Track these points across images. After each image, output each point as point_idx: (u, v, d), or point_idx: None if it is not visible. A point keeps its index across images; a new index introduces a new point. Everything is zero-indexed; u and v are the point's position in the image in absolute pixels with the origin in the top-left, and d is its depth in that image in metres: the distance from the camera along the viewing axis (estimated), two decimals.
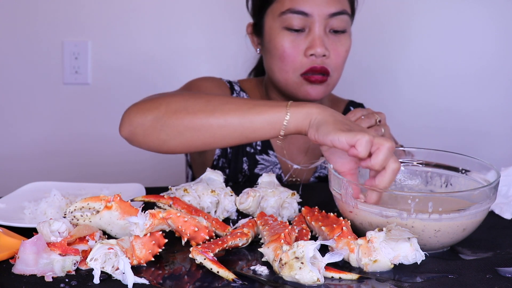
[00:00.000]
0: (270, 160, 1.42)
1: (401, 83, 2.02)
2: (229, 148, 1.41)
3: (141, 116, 1.11)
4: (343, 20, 1.29)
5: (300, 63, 1.29)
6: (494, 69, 2.00)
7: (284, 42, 1.29)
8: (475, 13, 1.98)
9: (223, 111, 1.04)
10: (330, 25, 1.29)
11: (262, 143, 1.41)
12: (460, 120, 2.02)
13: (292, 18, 1.28)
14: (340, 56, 1.31)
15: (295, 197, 1.07)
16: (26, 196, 1.12)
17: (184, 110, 1.07)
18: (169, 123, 1.07)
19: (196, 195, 1.05)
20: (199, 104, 1.07)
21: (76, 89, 2.06)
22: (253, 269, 0.83)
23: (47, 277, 0.79)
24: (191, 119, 1.06)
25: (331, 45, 1.29)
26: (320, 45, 1.27)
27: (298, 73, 1.30)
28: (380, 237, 0.83)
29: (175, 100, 1.10)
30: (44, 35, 2.02)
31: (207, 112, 1.05)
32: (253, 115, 1.03)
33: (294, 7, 1.27)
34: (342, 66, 1.33)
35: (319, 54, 1.27)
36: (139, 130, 1.11)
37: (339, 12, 1.28)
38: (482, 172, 1.01)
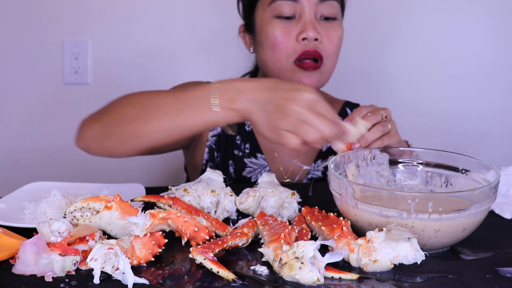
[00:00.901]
0: (259, 163, 1.41)
1: (400, 83, 2.02)
2: (216, 152, 1.41)
3: (90, 128, 1.19)
4: (333, 7, 1.29)
5: (292, 48, 1.28)
6: (494, 69, 2.00)
7: (275, 30, 1.28)
8: (474, 14, 1.98)
9: (157, 117, 1.09)
10: (320, 12, 1.29)
11: (250, 147, 1.41)
12: (460, 120, 2.02)
13: (282, 5, 1.27)
14: (333, 42, 1.29)
15: (295, 197, 1.07)
16: (26, 196, 1.12)
17: (123, 119, 1.13)
18: (112, 132, 1.14)
19: (196, 195, 1.05)
20: (135, 112, 1.12)
21: (76, 89, 2.06)
22: (253, 269, 0.83)
23: (47, 277, 0.79)
24: (131, 128, 1.11)
25: (323, 31, 1.28)
26: (312, 29, 1.26)
27: (291, 60, 1.29)
28: (380, 237, 0.83)
29: (116, 110, 1.16)
30: (44, 35, 2.02)
31: (142, 120, 1.10)
32: (184, 119, 1.06)
33: None
34: (335, 53, 1.31)
35: (311, 37, 1.26)
36: (90, 141, 1.19)
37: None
38: (482, 172, 1.01)
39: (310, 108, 0.97)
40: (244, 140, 1.42)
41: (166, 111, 1.08)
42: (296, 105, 0.96)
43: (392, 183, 1.10)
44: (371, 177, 1.08)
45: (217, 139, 1.41)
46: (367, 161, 1.08)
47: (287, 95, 0.98)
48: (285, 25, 1.28)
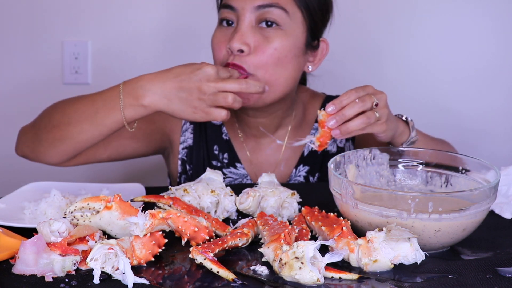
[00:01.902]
0: (239, 172, 1.39)
1: (400, 84, 2.02)
2: (188, 165, 1.40)
3: (24, 136, 1.28)
4: (274, 14, 1.21)
5: (224, 57, 1.24)
6: (494, 69, 2.00)
7: (215, 36, 1.27)
8: (476, 12, 1.97)
9: (77, 120, 1.18)
10: (259, 18, 1.21)
11: (229, 157, 1.38)
12: (460, 120, 2.02)
13: (224, 12, 1.25)
14: (265, 53, 1.20)
15: (295, 197, 1.07)
16: (26, 196, 1.12)
17: (49, 124, 1.21)
18: (42, 137, 1.22)
19: (196, 195, 1.05)
20: (58, 116, 1.21)
21: (76, 89, 2.05)
22: (253, 269, 0.83)
23: (47, 277, 0.79)
24: (57, 131, 1.20)
25: (256, 41, 1.20)
26: (238, 40, 1.19)
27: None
28: (380, 237, 0.83)
29: (44, 116, 1.25)
30: (44, 35, 2.02)
31: (65, 123, 1.19)
32: (100, 119, 1.16)
33: (225, 1, 1.25)
34: (270, 66, 1.21)
35: (234, 48, 1.19)
36: (25, 148, 1.28)
37: (268, 5, 1.20)
38: (482, 172, 1.01)
39: (216, 79, 1.10)
40: (222, 150, 1.39)
41: (83, 113, 1.17)
42: (204, 82, 1.08)
43: (392, 183, 1.10)
44: (371, 177, 1.08)
45: (188, 151, 1.40)
46: (367, 161, 1.08)
47: (193, 77, 1.10)
48: (224, 32, 1.25)
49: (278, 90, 1.25)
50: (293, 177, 1.40)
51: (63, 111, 1.22)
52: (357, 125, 1.07)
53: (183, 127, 1.40)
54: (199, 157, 1.40)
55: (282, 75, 1.24)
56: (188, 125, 1.40)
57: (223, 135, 1.40)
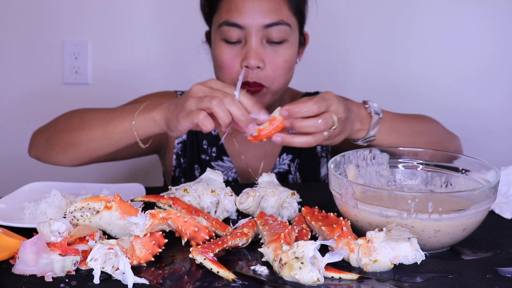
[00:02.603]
0: (225, 165, 1.45)
1: (400, 84, 2.02)
2: (183, 158, 1.47)
3: (38, 139, 1.33)
4: (281, 31, 1.28)
5: (237, 73, 1.29)
6: (494, 70, 2.00)
7: (222, 54, 1.31)
8: (476, 11, 1.97)
9: (89, 127, 1.23)
10: (266, 36, 1.28)
11: (217, 150, 1.46)
12: (459, 120, 2.02)
13: (228, 30, 1.28)
14: (278, 67, 1.30)
15: (295, 197, 1.07)
16: (26, 196, 1.12)
17: (64, 130, 1.27)
18: (54, 142, 1.28)
19: (196, 195, 1.05)
20: (74, 123, 1.26)
21: (76, 89, 2.06)
22: (253, 269, 0.83)
23: (47, 277, 0.79)
24: (69, 137, 1.25)
25: (268, 57, 1.29)
26: (254, 57, 1.26)
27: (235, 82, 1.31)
28: (380, 237, 0.83)
29: (59, 121, 1.31)
30: (44, 35, 2.02)
31: (78, 130, 1.24)
32: (112, 128, 1.20)
33: (229, 19, 1.28)
34: (282, 76, 1.31)
35: (252, 66, 1.27)
36: (39, 150, 1.32)
37: (275, 23, 1.27)
38: (482, 172, 1.01)
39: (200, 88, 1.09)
40: (210, 144, 1.47)
41: (98, 120, 1.22)
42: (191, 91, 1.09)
43: (392, 183, 1.10)
44: (371, 177, 1.08)
45: (182, 146, 1.47)
46: (367, 161, 1.08)
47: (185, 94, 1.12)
48: (231, 49, 1.30)
49: (280, 92, 1.36)
50: (278, 166, 1.46)
51: (81, 117, 1.27)
52: (301, 143, 1.07)
53: None
54: (192, 151, 1.47)
55: (288, 81, 1.36)
56: None
57: (212, 131, 1.43)
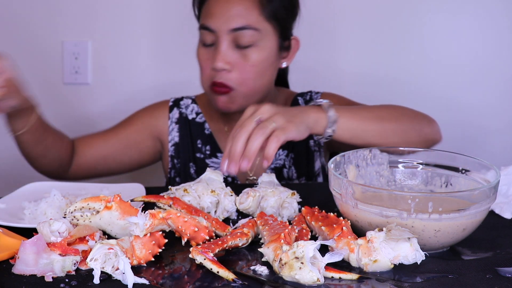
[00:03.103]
0: (219, 161, 1.51)
1: (399, 84, 2.02)
2: (176, 159, 1.53)
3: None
4: (248, 35, 1.33)
5: (209, 75, 1.37)
6: (494, 69, 1.99)
7: (199, 55, 1.40)
8: (475, 8, 1.97)
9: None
10: (235, 40, 1.34)
11: (211, 148, 1.52)
12: (459, 120, 2.02)
13: (203, 33, 1.37)
14: (245, 71, 1.35)
15: (295, 197, 1.07)
16: (26, 196, 1.12)
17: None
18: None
19: (196, 195, 1.05)
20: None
21: (76, 89, 2.06)
22: (253, 269, 0.83)
23: (47, 277, 0.79)
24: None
25: (235, 60, 1.34)
26: (220, 60, 1.33)
27: (209, 84, 1.39)
28: (380, 237, 0.83)
29: None
30: (44, 35, 2.02)
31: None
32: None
33: (204, 23, 1.36)
34: (250, 79, 1.36)
35: (218, 68, 1.34)
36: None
37: (242, 28, 1.33)
38: (482, 172, 1.01)
39: None
40: (204, 143, 1.52)
41: None
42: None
43: (392, 183, 1.10)
44: (371, 177, 1.08)
45: (175, 148, 1.53)
46: (367, 161, 1.08)
47: None
48: (206, 52, 1.38)
49: (258, 96, 1.40)
50: (274, 161, 1.49)
51: None
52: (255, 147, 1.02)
53: (169, 127, 1.53)
54: (185, 152, 1.53)
55: (261, 84, 1.39)
56: (174, 125, 1.53)
57: (205, 130, 1.52)
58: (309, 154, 1.50)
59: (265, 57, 1.36)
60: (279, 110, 1.08)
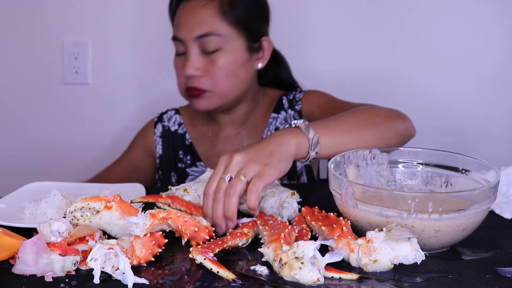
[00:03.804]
0: (199, 170, 1.58)
1: (400, 84, 2.02)
2: (160, 171, 1.62)
3: None
4: (212, 41, 1.41)
5: (183, 82, 1.46)
6: (494, 69, 2.00)
7: (175, 64, 1.49)
8: (475, 13, 1.97)
9: None
10: (202, 47, 1.42)
11: (191, 158, 1.59)
12: (460, 120, 2.02)
13: (176, 44, 1.46)
14: (215, 74, 1.42)
15: (295, 197, 1.07)
16: (26, 196, 1.12)
17: None
18: None
19: (196, 195, 1.05)
20: None
21: (76, 89, 2.06)
22: (253, 269, 0.83)
23: (47, 277, 0.79)
24: None
25: (204, 66, 1.42)
26: (190, 67, 1.41)
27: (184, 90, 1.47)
28: (380, 237, 0.83)
29: None
30: (44, 35, 2.02)
31: None
32: None
33: (174, 34, 1.46)
34: (223, 82, 1.43)
35: (188, 75, 1.42)
36: None
37: (205, 34, 1.41)
38: (482, 172, 1.01)
39: None
40: (185, 153, 1.60)
41: None
42: None
43: (392, 183, 1.10)
44: (371, 177, 1.08)
45: (160, 160, 1.62)
46: (367, 161, 1.08)
47: None
48: (180, 60, 1.46)
49: (233, 95, 1.47)
50: None
51: None
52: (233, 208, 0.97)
53: (155, 142, 1.63)
54: (168, 162, 1.61)
55: (235, 84, 1.46)
56: (159, 139, 1.63)
57: (186, 140, 1.61)
58: None
59: (233, 60, 1.43)
60: (252, 155, 1.00)
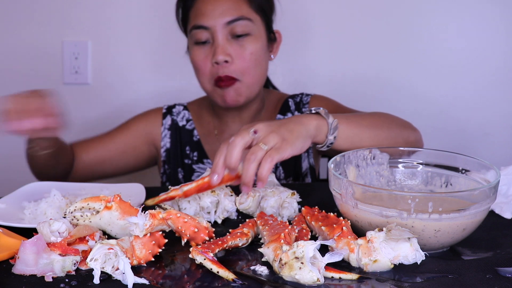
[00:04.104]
0: (205, 167, 1.56)
1: (400, 84, 2.02)
2: (167, 165, 1.59)
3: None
4: (243, 25, 1.40)
5: (210, 72, 1.42)
6: (494, 70, 2.00)
7: (195, 56, 1.44)
8: (476, 13, 1.97)
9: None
10: (231, 32, 1.40)
11: (198, 154, 1.57)
12: (460, 121, 2.02)
13: (197, 33, 1.42)
14: (246, 59, 1.40)
15: (295, 197, 1.07)
16: (26, 196, 1.12)
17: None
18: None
19: (196, 195, 1.05)
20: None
21: (76, 89, 2.06)
22: (253, 269, 0.83)
23: (47, 277, 0.79)
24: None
25: (234, 51, 1.40)
26: (221, 53, 1.38)
27: (212, 82, 1.42)
28: (380, 237, 0.83)
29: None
30: (44, 35, 2.02)
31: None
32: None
33: (196, 23, 1.42)
34: (252, 67, 1.42)
35: (220, 61, 1.38)
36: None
37: (236, 19, 1.39)
38: (482, 172, 1.01)
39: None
40: (192, 149, 1.58)
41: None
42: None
43: (392, 183, 1.10)
44: (371, 177, 1.08)
45: (166, 154, 1.59)
46: (367, 161, 1.08)
47: None
48: (203, 50, 1.42)
49: (258, 86, 1.46)
50: None
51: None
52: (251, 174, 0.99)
53: (162, 134, 1.59)
54: (175, 157, 1.58)
55: (260, 73, 1.45)
56: (167, 131, 1.59)
57: (194, 137, 1.58)
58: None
59: (260, 46, 1.43)
60: (274, 127, 1.03)
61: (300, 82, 1.99)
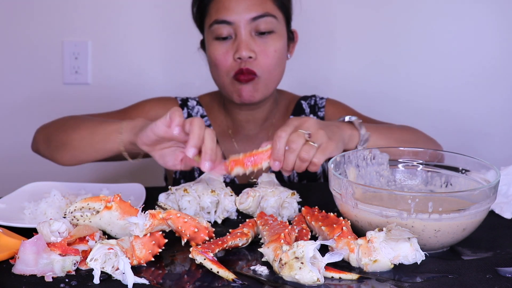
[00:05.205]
0: None
1: (400, 84, 2.02)
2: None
3: (39, 135, 1.40)
4: (267, 22, 1.38)
5: (230, 66, 1.39)
6: (494, 70, 2.00)
7: (215, 51, 1.40)
8: (475, 15, 1.98)
9: (80, 128, 1.28)
10: (255, 28, 1.37)
11: None
12: (460, 121, 2.02)
13: (219, 28, 1.38)
14: (269, 56, 1.38)
15: (295, 197, 1.07)
16: (26, 196, 1.12)
17: (60, 129, 1.34)
18: (51, 139, 1.34)
19: (196, 195, 1.05)
20: (70, 123, 1.33)
21: (76, 89, 2.06)
22: (253, 269, 0.83)
23: (47, 277, 0.79)
24: (62, 136, 1.31)
25: (258, 47, 1.38)
26: (245, 48, 1.36)
27: (231, 76, 1.39)
28: (380, 237, 0.83)
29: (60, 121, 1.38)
30: (44, 35, 2.02)
31: (70, 129, 1.30)
32: (99, 129, 1.23)
33: (218, 17, 1.38)
34: (273, 65, 1.39)
35: (244, 56, 1.36)
36: (39, 146, 1.40)
37: (261, 15, 1.37)
38: (482, 172, 1.01)
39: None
40: None
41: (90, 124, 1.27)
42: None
43: (392, 183, 1.10)
44: (371, 177, 1.08)
45: None
46: (367, 161, 1.08)
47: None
48: (223, 45, 1.39)
49: (275, 85, 1.45)
50: None
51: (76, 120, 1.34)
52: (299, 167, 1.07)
53: None
54: None
55: (280, 72, 1.44)
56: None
57: None
58: None
59: (283, 45, 1.41)
60: (321, 125, 1.10)
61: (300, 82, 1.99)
